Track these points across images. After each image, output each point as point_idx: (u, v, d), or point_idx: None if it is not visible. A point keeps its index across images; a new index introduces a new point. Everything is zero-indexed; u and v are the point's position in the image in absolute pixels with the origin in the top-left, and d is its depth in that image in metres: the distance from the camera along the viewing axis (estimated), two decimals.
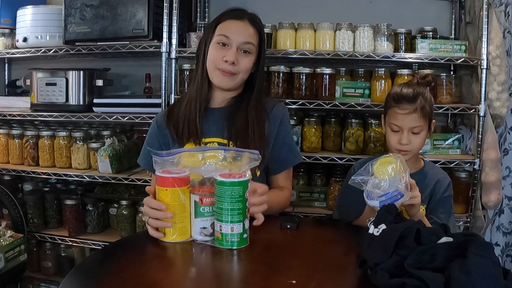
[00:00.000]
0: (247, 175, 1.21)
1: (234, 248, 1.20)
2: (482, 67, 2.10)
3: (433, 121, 1.61)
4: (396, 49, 2.23)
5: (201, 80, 1.58)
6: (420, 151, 2.12)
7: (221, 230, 1.20)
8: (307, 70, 2.22)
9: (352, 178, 1.30)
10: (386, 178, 1.25)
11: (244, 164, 1.23)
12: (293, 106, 2.19)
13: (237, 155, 1.25)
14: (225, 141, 1.56)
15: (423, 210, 1.58)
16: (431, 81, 1.69)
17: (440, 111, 2.15)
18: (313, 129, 2.25)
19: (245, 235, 1.22)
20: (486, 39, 2.09)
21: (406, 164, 1.29)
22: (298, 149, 1.74)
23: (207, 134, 1.58)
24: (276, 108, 1.64)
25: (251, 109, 1.57)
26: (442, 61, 2.13)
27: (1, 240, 2.08)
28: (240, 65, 1.54)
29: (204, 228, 1.24)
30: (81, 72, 2.40)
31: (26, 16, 2.44)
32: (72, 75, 2.38)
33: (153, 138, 1.64)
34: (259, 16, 1.64)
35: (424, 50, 2.14)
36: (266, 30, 2.25)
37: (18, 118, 2.48)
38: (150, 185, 2.28)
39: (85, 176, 2.33)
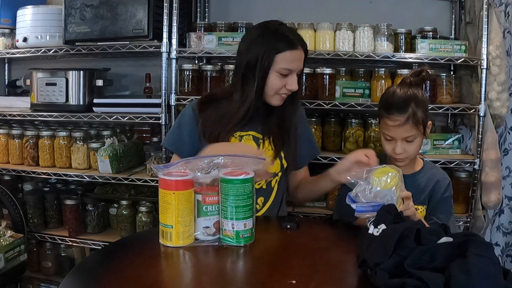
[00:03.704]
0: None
1: (247, 244, 1.21)
2: (482, 67, 2.10)
3: (429, 122, 1.55)
4: (396, 49, 2.23)
5: (255, 102, 1.60)
6: (420, 151, 2.12)
7: (233, 228, 1.20)
8: (307, 70, 2.21)
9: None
10: (376, 188, 1.26)
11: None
12: None
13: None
14: (260, 136, 1.66)
15: (424, 210, 1.58)
16: (426, 76, 1.58)
17: (440, 111, 2.15)
18: (313, 129, 2.25)
19: (253, 230, 1.24)
20: (486, 39, 2.09)
21: (402, 181, 1.30)
22: (316, 143, 1.87)
23: (243, 128, 1.65)
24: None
25: (289, 110, 1.67)
26: (442, 61, 2.13)
27: (1, 240, 2.08)
28: None
29: (207, 227, 1.24)
30: (81, 72, 2.40)
31: (26, 16, 2.44)
32: (72, 75, 2.38)
33: (189, 121, 1.66)
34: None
35: (424, 50, 2.14)
36: None
37: (18, 118, 2.48)
38: (150, 185, 2.29)
39: (85, 176, 2.33)
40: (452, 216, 1.59)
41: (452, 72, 2.45)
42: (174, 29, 2.23)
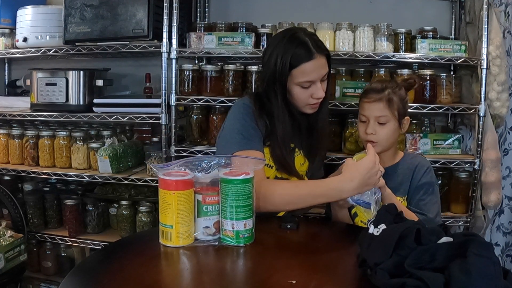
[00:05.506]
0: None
1: (247, 244, 1.22)
2: (482, 67, 2.10)
3: (407, 117, 1.61)
4: (396, 49, 2.23)
5: (289, 118, 1.59)
6: (420, 151, 2.13)
7: (233, 228, 1.20)
8: None
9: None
10: None
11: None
12: None
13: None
14: (292, 145, 1.64)
15: (404, 201, 1.57)
16: (414, 83, 1.70)
17: (440, 111, 2.15)
18: None
19: (253, 230, 1.24)
20: (486, 39, 2.09)
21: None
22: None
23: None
24: None
25: (320, 119, 1.68)
26: (442, 61, 2.13)
27: (1, 240, 2.08)
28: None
29: (207, 227, 1.24)
30: (81, 72, 2.40)
31: (26, 16, 2.44)
32: (72, 75, 2.38)
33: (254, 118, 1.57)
34: (317, 36, 1.63)
35: (424, 50, 2.14)
36: (266, 30, 2.25)
37: (18, 118, 2.48)
38: (150, 185, 2.29)
39: (85, 176, 2.33)
40: (435, 206, 1.56)
41: (452, 72, 2.45)
42: (174, 29, 2.22)
